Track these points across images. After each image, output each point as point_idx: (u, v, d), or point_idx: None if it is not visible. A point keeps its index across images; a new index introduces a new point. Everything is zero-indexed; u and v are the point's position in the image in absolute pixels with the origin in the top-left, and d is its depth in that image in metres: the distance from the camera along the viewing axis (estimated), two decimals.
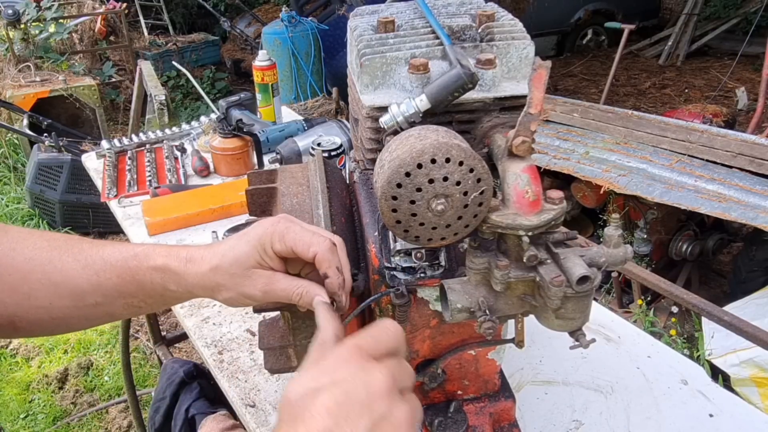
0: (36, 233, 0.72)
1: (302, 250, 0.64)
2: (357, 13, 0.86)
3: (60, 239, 0.72)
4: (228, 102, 1.88)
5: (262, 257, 0.65)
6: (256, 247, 0.65)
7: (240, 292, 0.66)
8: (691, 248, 3.18)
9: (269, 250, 0.65)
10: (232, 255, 0.66)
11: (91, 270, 0.69)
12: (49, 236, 0.72)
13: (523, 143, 0.62)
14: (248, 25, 7.79)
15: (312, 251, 0.64)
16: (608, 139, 3.19)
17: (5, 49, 4.88)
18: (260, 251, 0.65)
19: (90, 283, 0.69)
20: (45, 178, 3.75)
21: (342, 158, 1.49)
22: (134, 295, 0.70)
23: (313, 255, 0.64)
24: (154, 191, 1.65)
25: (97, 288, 0.69)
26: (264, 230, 0.66)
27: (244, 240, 0.66)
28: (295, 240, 0.64)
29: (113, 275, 0.69)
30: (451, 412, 0.84)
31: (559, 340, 1.11)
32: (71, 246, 0.71)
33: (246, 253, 0.65)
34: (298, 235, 0.65)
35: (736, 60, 5.91)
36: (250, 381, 1.06)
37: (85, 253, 0.70)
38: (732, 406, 1.02)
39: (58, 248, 0.70)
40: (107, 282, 0.69)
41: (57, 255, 0.70)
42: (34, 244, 0.70)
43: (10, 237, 0.70)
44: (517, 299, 0.66)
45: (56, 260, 0.69)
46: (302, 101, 5.28)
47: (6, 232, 0.71)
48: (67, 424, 2.63)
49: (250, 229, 0.67)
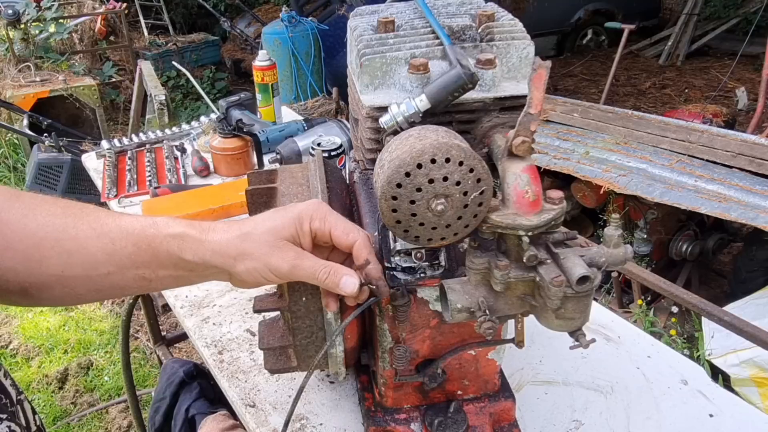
0: (50, 200, 0.70)
1: (341, 233, 0.65)
2: (357, 13, 0.86)
3: (75, 207, 0.70)
4: (228, 102, 1.88)
5: (297, 232, 0.66)
6: (294, 221, 0.66)
7: (266, 263, 0.65)
8: (691, 248, 3.18)
9: (306, 226, 0.66)
10: (268, 225, 0.66)
11: (107, 238, 0.67)
12: (64, 203, 0.70)
13: (523, 143, 0.62)
14: (248, 25, 7.78)
15: (352, 237, 0.65)
16: (608, 139, 3.19)
17: (5, 49, 4.88)
18: (297, 225, 0.65)
19: (104, 251, 0.67)
20: (45, 178, 3.74)
21: (342, 158, 1.49)
22: (147, 265, 0.68)
23: (352, 241, 0.65)
24: (154, 191, 1.65)
25: (111, 257, 0.67)
26: (305, 207, 0.67)
27: (281, 213, 0.67)
28: (336, 223, 0.66)
29: (129, 243, 0.67)
30: (451, 412, 0.84)
31: (559, 340, 1.11)
32: (87, 214, 0.69)
33: (283, 224, 0.66)
34: (339, 221, 0.66)
35: (736, 60, 5.91)
36: (250, 381, 1.06)
37: (101, 221, 0.68)
38: (732, 406, 1.02)
39: (73, 215, 0.68)
40: (122, 251, 0.67)
41: (71, 222, 0.68)
42: (47, 211, 0.68)
43: (22, 203, 0.68)
44: (517, 299, 0.66)
45: (71, 227, 0.67)
46: (302, 101, 5.28)
47: (18, 198, 0.68)
48: (67, 424, 2.63)
49: (289, 206, 0.68)
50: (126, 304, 1.75)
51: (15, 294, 0.68)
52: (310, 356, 0.79)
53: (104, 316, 3.26)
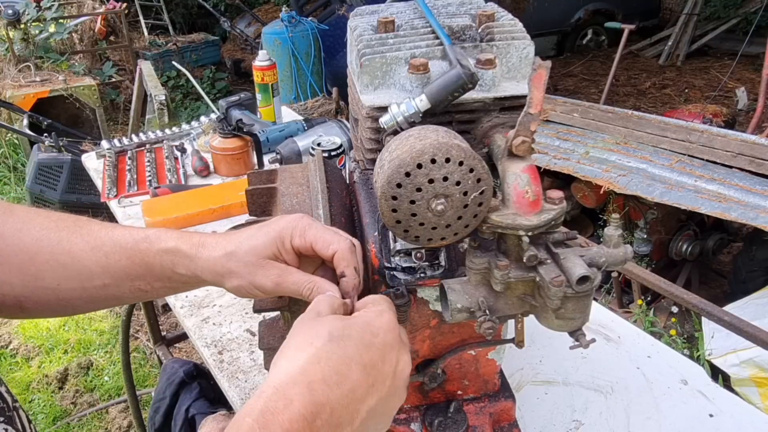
0: (42, 213, 0.71)
1: (322, 247, 0.65)
2: (357, 13, 0.86)
3: (68, 220, 0.71)
4: (228, 102, 1.88)
5: (279, 250, 0.65)
6: (275, 239, 0.65)
7: (251, 281, 0.66)
8: (691, 248, 3.18)
9: (288, 244, 0.65)
10: (250, 243, 0.66)
11: (100, 252, 0.68)
12: (57, 216, 0.71)
13: (523, 143, 0.62)
14: (248, 25, 7.79)
15: (332, 249, 0.64)
16: (608, 139, 3.19)
17: (5, 49, 4.88)
18: (279, 244, 0.65)
19: (98, 264, 0.68)
20: (45, 178, 3.74)
21: (342, 158, 1.49)
22: (142, 277, 0.69)
23: (332, 253, 0.64)
24: (154, 191, 1.65)
25: (105, 269, 0.68)
26: (286, 224, 0.66)
27: (263, 231, 0.66)
28: (316, 237, 0.65)
29: (123, 257, 0.68)
30: (451, 412, 0.84)
31: (559, 340, 1.11)
32: (80, 227, 0.70)
33: (264, 243, 0.65)
34: (319, 233, 0.65)
35: (736, 60, 5.92)
36: (250, 381, 1.06)
37: (94, 234, 0.69)
38: (732, 406, 1.02)
39: (66, 228, 0.69)
40: (116, 264, 0.68)
41: (65, 235, 0.69)
42: (41, 225, 0.69)
43: (16, 217, 0.69)
44: (517, 299, 0.66)
45: (65, 241, 0.68)
46: (302, 101, 5.28)
47: (12, 212, 0.69)
48: (67, 424, 2.63)
49: (271, 221, 0.67)
50: (126, 305, 1.75)
51: (10, 308, 0.69)
52: None
53: (104, 316, 3.26)
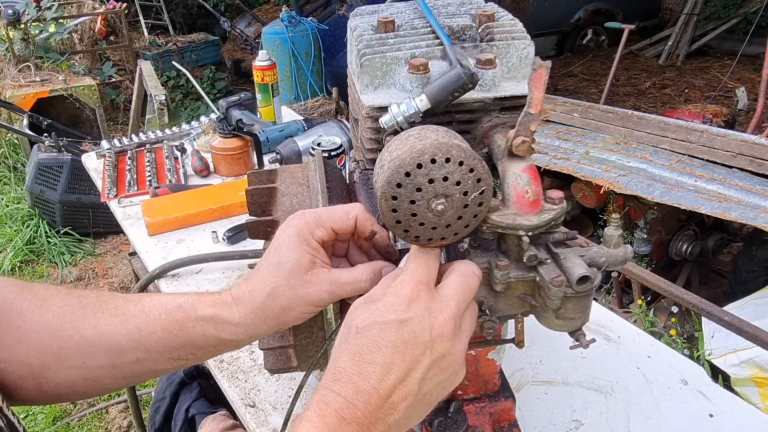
0: (62, 290, 0.67)
1: (341, 220, 0.63)
2: (357, 13, 0.86)
3: (91, 296, 0.67)
4: (228, 102, 1.89)
5: (312, 254, 0.62)
6: (301, 246, 0.61)
7: (307, 302, 0.62)
8: (691, 248, 3.18)
9: (312, 241, 0.62)
10: (285, 269, 0.61)
11: (131, 324, 0.64)
12: (78, 293, 0.67)
13: (523, 143, 0.62)
14: (248, 25, 7.79)
15: (352, 215, 0.63)
16: (608, 139, 3.19)
17: (5, 49, 4.88)
18: (306, 248, 0.62)
19: (130, 338, 0.64)
20: (45, 178, 3.75)
21: (342, 158, 1.49)
22: (182, 348, 0.65)
23: (354, 218, 0.63)
24: (154, 191, 1.65)
25: (138, 343, 0.64)
26: (296, 229, 0.62)
27: (283, 250, 0.62)
28: (330, 217, 0.63)
29: (157, 329, 0.64)
30: (451, 412, 0.84)
31: (559, 340, 1.11)
32: (105, 302, 0.66)
33: (296, 258, 0.61)
34: (330, 212, 0.63)
35: (736, 60, 5.92)
36: (250, 381, 1.06)
37: (121, 308, 0.65)
38: (732, 406, 1.02)
39: (90, 305, 0.65)
40: (150, 336, 0.64)
41: (91, 311, 0.65)
42: (63, 301, 0.65)
43: (35, 294, 0.65)
44: (517, 299, 0.66)
45: (90, 316, 0.64)
46: (302, 101, 5.28)
47: (30, 290, 0.66)
48: (67, 424, 2.63)
49: (277, 242, 0.63)
50: None
51: (29, 391, 0.64)
52: (310, 356, 0.79)
53: None
